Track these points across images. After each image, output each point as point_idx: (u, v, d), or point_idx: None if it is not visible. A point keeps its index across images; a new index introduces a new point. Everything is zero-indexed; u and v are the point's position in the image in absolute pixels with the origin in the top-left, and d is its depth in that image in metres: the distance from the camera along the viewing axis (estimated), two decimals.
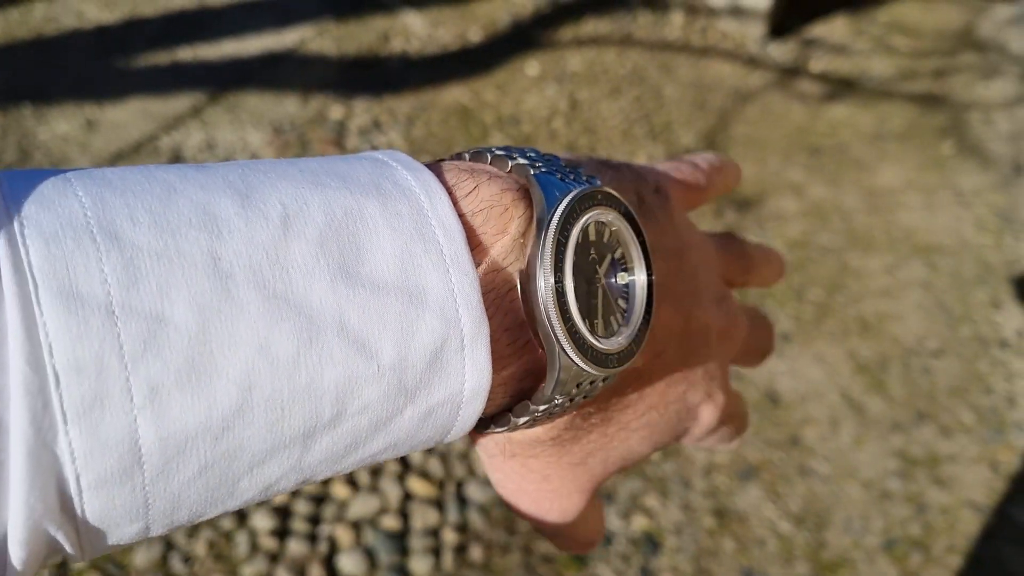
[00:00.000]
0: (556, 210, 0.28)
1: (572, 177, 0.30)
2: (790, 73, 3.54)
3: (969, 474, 1.91)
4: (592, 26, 3.45)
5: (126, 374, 0.21)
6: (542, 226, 0.28)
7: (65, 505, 0.22)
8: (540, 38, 3.29)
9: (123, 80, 2.57)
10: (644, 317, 0.30)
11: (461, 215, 0.28)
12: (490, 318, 0.28)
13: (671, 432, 0.39)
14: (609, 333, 0.30)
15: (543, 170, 0.29)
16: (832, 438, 1.95)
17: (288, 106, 2.61)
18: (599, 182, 0.31)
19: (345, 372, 0.25)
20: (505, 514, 1.69)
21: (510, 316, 0.29)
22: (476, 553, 1.62)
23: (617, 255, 0.31)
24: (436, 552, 1.60)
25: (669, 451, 1.86)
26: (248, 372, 0.23)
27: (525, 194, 0.29)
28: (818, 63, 3.65)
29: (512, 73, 3.03)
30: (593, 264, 0.30)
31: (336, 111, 2.64)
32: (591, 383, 0.30)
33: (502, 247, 0.28)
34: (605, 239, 0.30)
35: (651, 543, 1.69)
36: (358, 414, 0.25)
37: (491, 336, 0.27)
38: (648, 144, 2.84)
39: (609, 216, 0.30)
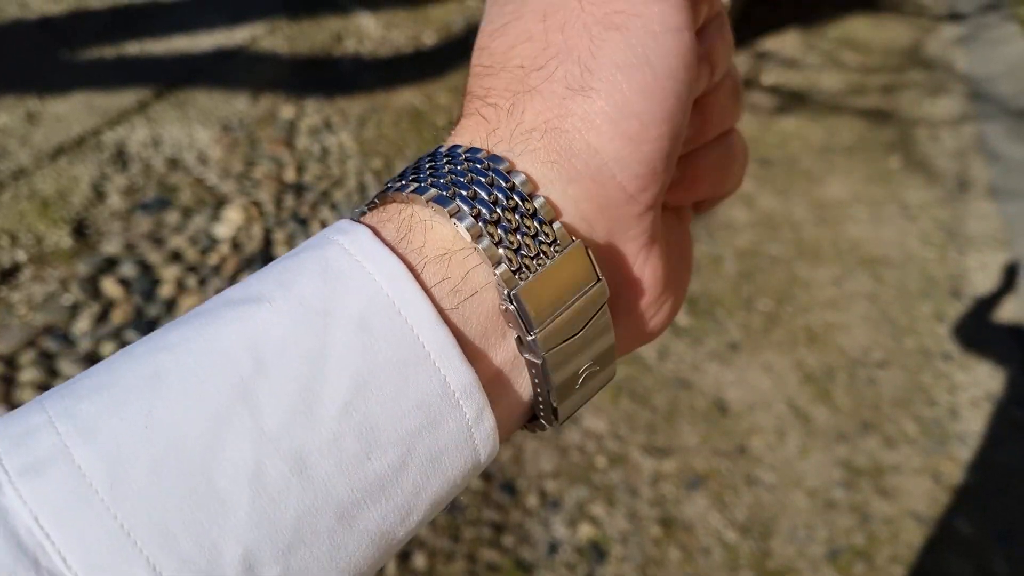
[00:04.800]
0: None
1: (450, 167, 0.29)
2: (742, 84, 3.57)
3: (912, 485, 1.92)
4: None
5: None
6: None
7: None
8: None
9: (67, 73, 2.51)
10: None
11: (412, 270, 0.27)
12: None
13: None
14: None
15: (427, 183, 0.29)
16: (778, 447, 1.96)
17: (238, 104, 2.57)
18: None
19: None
20: (450, 521, 1.66)
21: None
22: (420, 561, 1.59)
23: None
24: None
25: (615, 458, 1.86)
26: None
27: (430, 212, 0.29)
28: (769, 76, 3.69)
29: (465, 77, 3.01)
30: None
31: (287, 110, 2.60)
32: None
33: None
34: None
35: (597, 551, 1.68)
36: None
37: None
38: None
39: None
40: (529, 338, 0.27)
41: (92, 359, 1.75)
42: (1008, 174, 3.17)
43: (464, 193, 0.28)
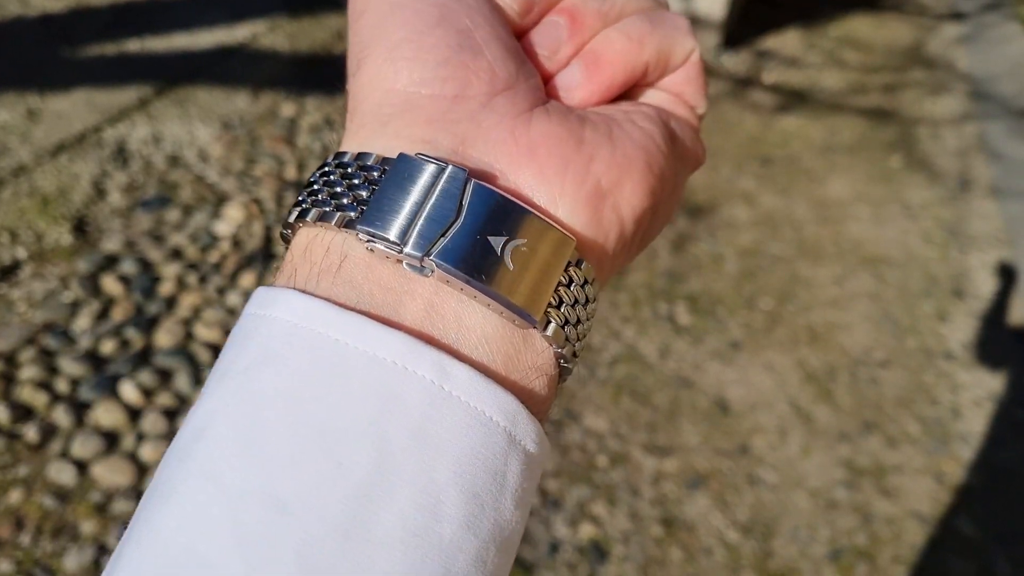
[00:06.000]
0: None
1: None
2: (743, 83, 3.57)
3: (914, 485, 1.92)
4: None
5: None
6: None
7: None
8: None
9: (68, 70, 2.50)
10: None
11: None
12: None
13: None
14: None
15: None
16: (780, 447, 1.96)
17: (238, 102, 2.56)
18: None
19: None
20: None
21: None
22: None
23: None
24: None
25: (616, 458, 1.85)
26: None
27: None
28: (771, 74, 3.68)
29: None
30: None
31: (287, 108, 2.59)
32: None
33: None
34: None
35: (598, 551, 1.68)
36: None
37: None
38: None
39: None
40: (407, 252, 0.26)
41: (92, 356, 1.74)
42: (1010, 173, 3.16)
43: (303, 195, 0.30)
